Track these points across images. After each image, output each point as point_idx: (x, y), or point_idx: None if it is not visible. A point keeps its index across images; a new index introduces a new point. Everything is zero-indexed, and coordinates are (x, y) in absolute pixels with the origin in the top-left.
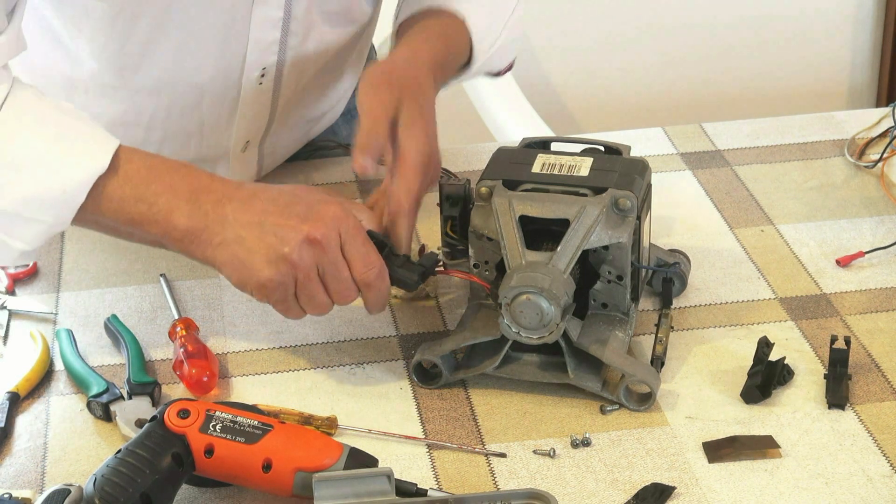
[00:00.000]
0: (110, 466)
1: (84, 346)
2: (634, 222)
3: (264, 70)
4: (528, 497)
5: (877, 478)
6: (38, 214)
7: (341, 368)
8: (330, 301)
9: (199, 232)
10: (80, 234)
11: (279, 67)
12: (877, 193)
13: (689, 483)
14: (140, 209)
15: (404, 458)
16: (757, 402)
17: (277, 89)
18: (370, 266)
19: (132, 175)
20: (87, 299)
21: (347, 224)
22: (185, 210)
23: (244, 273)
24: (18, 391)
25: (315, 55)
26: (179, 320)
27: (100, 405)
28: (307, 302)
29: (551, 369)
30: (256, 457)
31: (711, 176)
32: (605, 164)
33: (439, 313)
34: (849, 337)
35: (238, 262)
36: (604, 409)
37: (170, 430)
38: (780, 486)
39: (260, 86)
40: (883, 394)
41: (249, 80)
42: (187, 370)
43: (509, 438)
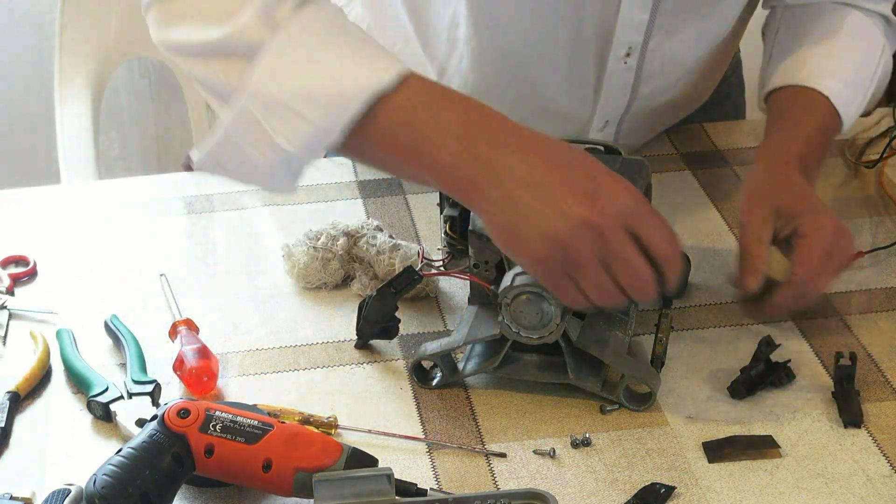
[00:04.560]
0: (110, 466)
1: (84, 346)
2: None
3: (630, 49)
4: (528, 497)
5: (877, 478)
6: (308, 111)
7: (341, 368)
8: (620, 289)
9: (466, 176)
10: (79, 233)
11: (644, 47)
12: (877, 193)
13: (689, 483)
14: (406, 138)
15: (404, 458)
16: (742, 397)
17: (640, 68)
18: (670, 243)
19: (405, 101)
20: (87, 299)
21: (637, 203)
22: (452, 148)
23: (512, 240)
24: (18, 391)
25: (680, 39)
26: (179, 320)
27: (100, 405)
28: (590, 289)
29: (551, 369)
30: (256, 457)
31: (711, 176)
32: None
33: (439, 313)
34: (854, 353)
35: (508, 225)
36: (604, 409)
37: (170, 429)
38: (780, 486)
39: (625, 65)
40: (883, 394)
41: (616, 57)
42: (187, 370)
43: (509, 438)
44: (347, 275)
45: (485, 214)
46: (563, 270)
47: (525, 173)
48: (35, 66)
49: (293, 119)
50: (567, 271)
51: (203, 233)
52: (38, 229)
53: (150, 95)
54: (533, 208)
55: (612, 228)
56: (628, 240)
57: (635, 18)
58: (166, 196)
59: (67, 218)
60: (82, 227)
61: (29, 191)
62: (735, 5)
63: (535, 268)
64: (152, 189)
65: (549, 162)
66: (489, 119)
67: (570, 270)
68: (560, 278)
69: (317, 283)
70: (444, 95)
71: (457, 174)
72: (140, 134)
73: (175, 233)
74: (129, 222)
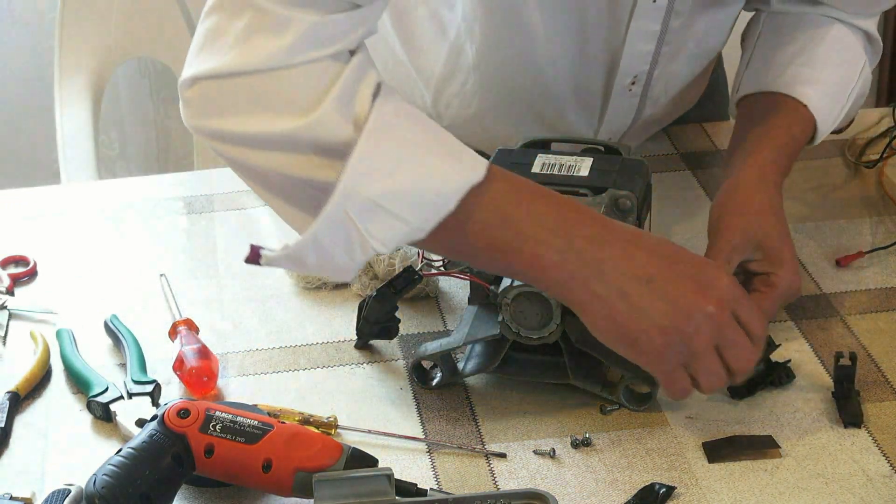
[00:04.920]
0: (110, 466)
1: (84, 346)
2: (634, 222)
3: (635, 78)
4: (528, 497)
5: (877, 478)
6: (404, 212)
7: (341, 368)
8: (727, 372)
9: (571, 273)
10: (79, 233)
11: (649, 75)
12: (877, 193)
13: (689, 483)
14: (505, 236)
15: (404, 458)
16: (742, 397)
17: (645, 95)
18: (764, 324)
19: (500, 196)
20: (87, 299)
21: (737, 288)
22: (556, 245)
23: (626, 335)
24: (18, 391)
25: (682, 60)
26: (179, 320)
27: (100, 405)
28: (703, 375)
29: (551, 369)
30: (256, 457)
31: (711, 176)
32: (604, 164)
33: (439, 313)
34: (854, 353)
35: (619, 320)
36: (604, 409)
37: (170, 429)
38: (780, 486)
39: (629, 91)
40: (883, 394)
41: (621, 86)
42: (187, 370)
43: (509, 438)
44: None
45: (590, 309)
46: (679, 360)
47: (631, 268)
48: (35, 66)
49: (389, 220)
50: (683, 360)
51: (203, 233)
52: (38, 229)
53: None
54: (647, 302)
55: (725, 315)
56: (737, 324)
57: (641, 50)
58: (166, 196)
59: (67, 218)
60: (82, 227)
61: (29, 191)
62: (732, 16)
63: (649, 359)
64: (152, 189)
65: (652, 255)
66: (583, 214)
67: (687, 360)
68: (676, 369)
69: (317, 283)
70: (532, 190)
71: (561, 271)
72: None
73: (175, 233)
74: (129, 222)
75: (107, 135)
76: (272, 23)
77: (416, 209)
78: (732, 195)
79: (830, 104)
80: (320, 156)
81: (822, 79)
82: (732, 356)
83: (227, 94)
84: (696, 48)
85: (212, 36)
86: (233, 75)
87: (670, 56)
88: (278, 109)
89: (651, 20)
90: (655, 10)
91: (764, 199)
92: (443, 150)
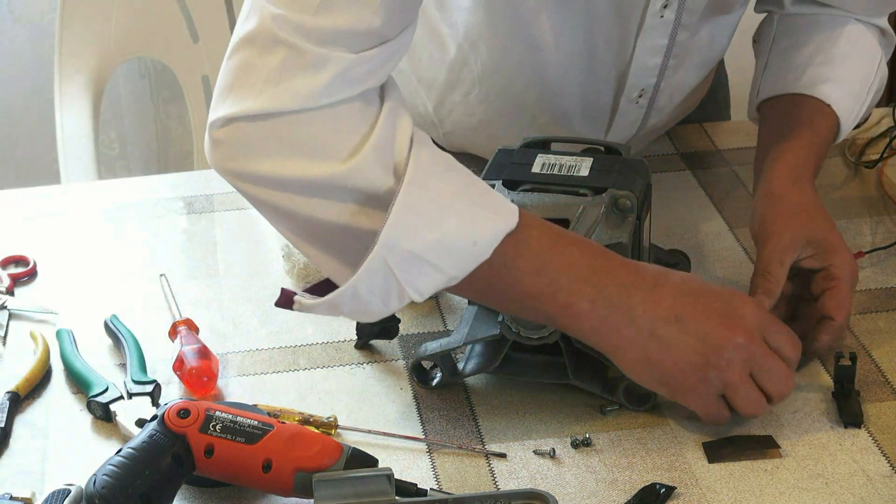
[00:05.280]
0: (110, 466)
1: (84, 346)
2: (634, 222)
3: (642, 90)
4: (528, 497)
5: (877, 478)
6: (442, 263)
7: (341, 368)
8: (765, 397)
9: (602, 320)
10: (79, 233)
11: (656, 87)
12: (877, 193)
13: (689, 483)
14: (539, 284)
15: (404, 458)
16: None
17: (651, 106)
18: (797, 345)
19: (532, 244)
20: (87, 299)
21: (763, 314)
22: (588, 294)
23: (661, 374)
24: (18, 391)
25: (688, 70)
26: (179, 320)
27: (100, 405)
28: (741, 403)
29: (551, 369)
30: (256, 457)
31: (711, 176)
32: (605, 164)
33: (439, 313)
34: (854, 353)
35: (653, 360)
36: (604, 409)
37: (170, 430)
38: (780, 486)
39: (636, 104)
40: (883, 394)
41: (628, 99)
42: (187, 370)
43: (509, 438)
44: None
45: (623, 353)
46: (716, 392)
47: (660, 309)
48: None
49: (428, 270)
50: (719, 392)
51: (203, 233)
52: (38, 229)
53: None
54: (677, 341)
55: (755, 343)
56: (770, 350)
57: (649, 63)
58: (166, 196)
59: (67, 218)
60: (82, 227)
61: (29, 191)
62: (736, 21)
63: (687, 395)
64: (152, 189)
65: (679, 294)
66: (612, 261)
67: (724, 391)
68: (713, 402)
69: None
70: (562, 236)
71: (593, 318)
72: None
73: (175, 233)
74: (129, 222)
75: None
76: (308, 62)
77: (455, 260)
78: (771, 201)
79: (852, 101)
80: (360, 203)
81: (842, 77)
82: (768, 381)
83: (262, 136)
84: (702, 57)
85: (242, 73)
86: (268, 116)
87: (677, 67)
88: (316, 154)
89: (659, 35)
90: (663, 25)
91: (802, 198)
92: (477, 198)
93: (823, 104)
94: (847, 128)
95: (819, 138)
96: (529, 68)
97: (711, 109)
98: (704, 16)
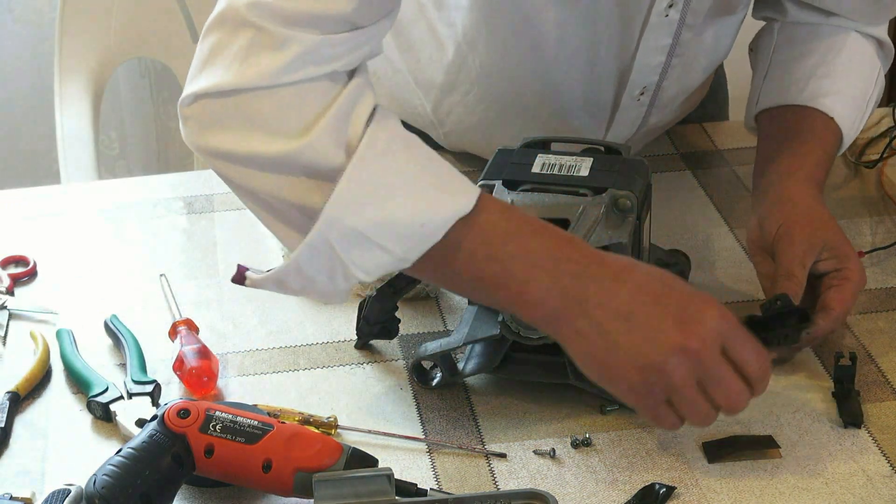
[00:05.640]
0: (110, 466)
1: (84, 346)
2: (634, 222)
3: (644, 88)
4: (528, 497)
5: (877, 478)
6: (388, 242)
7: (341, 368)
8: (716, 410)
9: (554, 310)
10: (79, 233)
11: (658, 85)
12: (877, 193)
13: (689, 483)
14: (493, 269)
15: (404, 458)
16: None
17: (653, 104)
18: (762, 362)
19: (488, 228)
20: (87, 299)
21: (728, 324)
22: (543, 282)
23: (605, 371)
24: (18, 391)
25: (692, 71)
26: (179, 320)
27: (100, 405)
28: (686, 412)
29: (551, 369)
30: (256, 457)
31: (711, 176)
32: (605, 164)
33: (439, 313)
34: (854, 353)
35: (599, 357)
36: (604, 409)
37: (170, 430)
38: (780, 486)
39: (638, 101)
40: (883, 394)
41: (630, 97)
42: (187, 370)
43: (509, 438)
44: None
45: (573, 345)
46: (660, 397)
47: (614, 305)
48: (35, 66)
49: (373, 250)
50: (664, 397)
51: (203, 233)
52: (38, 229)
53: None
54: (624, 339)
55: (708, 351)
56: (724, 361)
57: (652, 62)
58: (166, 196)
59: (67, 218)
60: (82, 227)
61: (29, 191)
62: (738, 21)
63: (630, 396)
64: (152, 189)
65: (638, 291)
66: (572, 249)
67: (669, 395)
68: (657, 405)
69: None
70: (522, 223)
71: (545, 308)
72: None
73: (175, 233)
74: (129, 222)
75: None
76: (272, 42)
77: (401, 240)
78: (789, 208)
79: (853, 113)
80: (311, 180)
81: (843, 89)
82: (718, 393)
83: (225, 112)
84: (705, 56)
85: (212, 54)
86: (232, 93)
87: (680, 66)
88: (273, 130)
89: (663, 34)
90: (667, 25)
91: (816, 210)
92: (433, 180)
93: (826, 117)
94: (848, 140)
95: (825, 153)
96: (530, 66)
97: (711, 109)
98: (709, 16)
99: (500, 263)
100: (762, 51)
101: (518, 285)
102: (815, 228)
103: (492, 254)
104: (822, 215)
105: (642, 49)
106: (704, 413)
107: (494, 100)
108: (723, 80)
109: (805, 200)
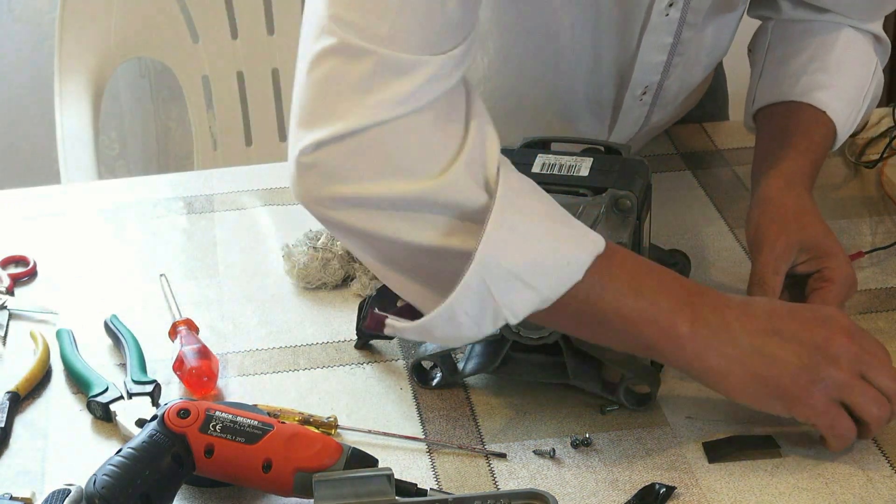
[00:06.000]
0: (110, 466)
1: (84, 346)
2: (634, 222)
3: (646, 88)
4: (528, 497)
5: (877, 478)
6: (537, 281)
7: (341, 368)
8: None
9: (705, 342)
10: (79, 233)
11: (660, 84)
12: (877, 193)
13: (689, 483)
14: (639, 305)
15: (404, 458)
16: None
17: (655, 103)
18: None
19: (628, 264)
20: (87, 299)
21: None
22: (687, 315)
23: (771, 386)
24: (18, 391)
25: (693, 69)
26: (179, 320)
27: (100, 405)
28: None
29: (551, 369)
30: (256, 457)
31: (711, 176)
32: (605, 164)
33: None
34: None
35: (761, 374)
36: (604, 409)
37: (170, 429)
38: (780, 486)
39: (640, 101)
40: None
41: (632, 96)
42: (187, 370)
43: (509, 438)
44: (347, 275)
45: (731, 375)
46: (831, 396)
47: (757, 325)
48: (35, 66)
49: (524, 291)
50: (834, 396)
51: (203, 233)
52: (38, 229)
53: (150, 95)
54: (780, 350)
55: (855, 341)
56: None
57: (653, 61)
58: (166, 196)
59: (67, 218)
60: (82, 227)
61: (29, 191)
62: (738, 18)
63: (805, 407)
64: (152, 189)
65: (767, 309)
66: (693, 283)
67: (839, 393)
68: (830, 408)
69: (317, 284)
70: (646, 261)
71: (695, 342)
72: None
73: (175, 233)
74: (129, 222)
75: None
76: (397, 68)
77: (549, 279)
78: (764, 208)
79: (848, 108)
80: (452, 221)
81: (837, 84)
82: (878, 376)
83: (357, 153)
84: (706, 54)
85: (328, 84)
86: (357, 133)
87: (681, 65)
88: (407, 169)
89: (664, 33)
90: (668, 24)
91: (796, 202)
92: (564, 219)
93: (819, 111)
94: (843, 135)
95: (814, 145)
96: (537, 65)
97: (711, 109)
98: (709, 14)
99: (647, 299)
100: (758, 51)
101: (666, 320)
102: (790, 229)
103: (637, 290)
104: (800, 212)
105: (643, 48)
106: (878, 401)
107: (499, 100)
108: (722, 79)
109: (783, 197)
